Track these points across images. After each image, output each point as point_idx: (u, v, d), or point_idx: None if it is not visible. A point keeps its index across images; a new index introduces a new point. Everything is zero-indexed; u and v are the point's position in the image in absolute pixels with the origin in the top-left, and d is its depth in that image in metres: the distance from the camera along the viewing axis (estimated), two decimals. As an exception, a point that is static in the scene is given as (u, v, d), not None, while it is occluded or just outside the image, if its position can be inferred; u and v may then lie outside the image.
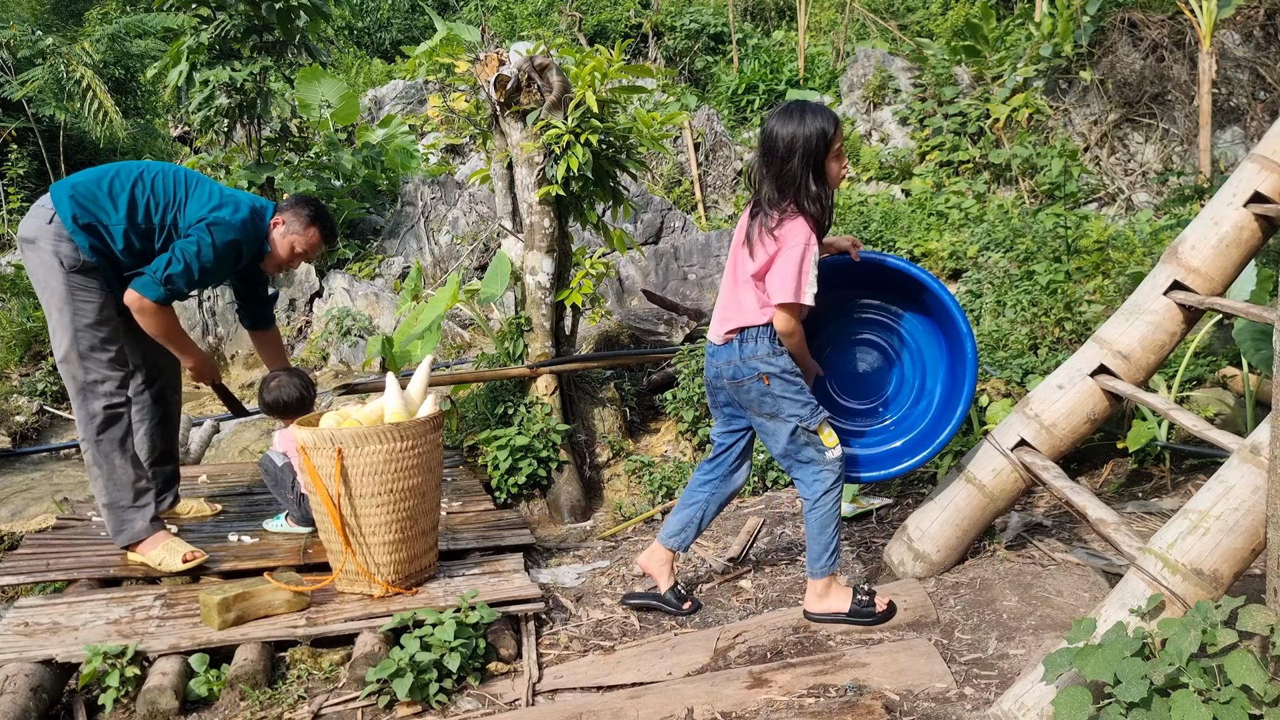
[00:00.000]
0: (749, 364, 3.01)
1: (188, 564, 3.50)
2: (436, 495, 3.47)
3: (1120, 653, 2.07)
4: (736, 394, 3.10)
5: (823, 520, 3.10)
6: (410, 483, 3.30)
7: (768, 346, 3.00)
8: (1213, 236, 3.02)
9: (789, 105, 2.92)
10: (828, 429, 3.07)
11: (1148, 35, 8.21)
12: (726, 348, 3.06)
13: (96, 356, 3.50)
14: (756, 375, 3.00)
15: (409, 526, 3.34)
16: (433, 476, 3.41)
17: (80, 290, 3.47)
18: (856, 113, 10.00)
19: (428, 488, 3.38)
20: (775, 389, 3.00)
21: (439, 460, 3.46)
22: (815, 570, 3.14)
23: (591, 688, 2.89)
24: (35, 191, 10.47)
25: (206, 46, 8.01)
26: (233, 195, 3.67)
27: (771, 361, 2.99)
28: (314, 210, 3.80)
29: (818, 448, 3.05)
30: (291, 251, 3.79)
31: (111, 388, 3.53)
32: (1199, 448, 3.93)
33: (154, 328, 3.54)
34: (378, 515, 3.27)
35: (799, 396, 3.02)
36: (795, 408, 3.02)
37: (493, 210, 8.93)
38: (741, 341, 3.02)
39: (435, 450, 3.42)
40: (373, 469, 3.23)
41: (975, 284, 6.03)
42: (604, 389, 5.57)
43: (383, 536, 3.29)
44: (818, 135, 2.85)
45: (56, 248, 3.43)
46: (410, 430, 3.29)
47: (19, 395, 6.61)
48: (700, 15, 13.00)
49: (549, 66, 4.91)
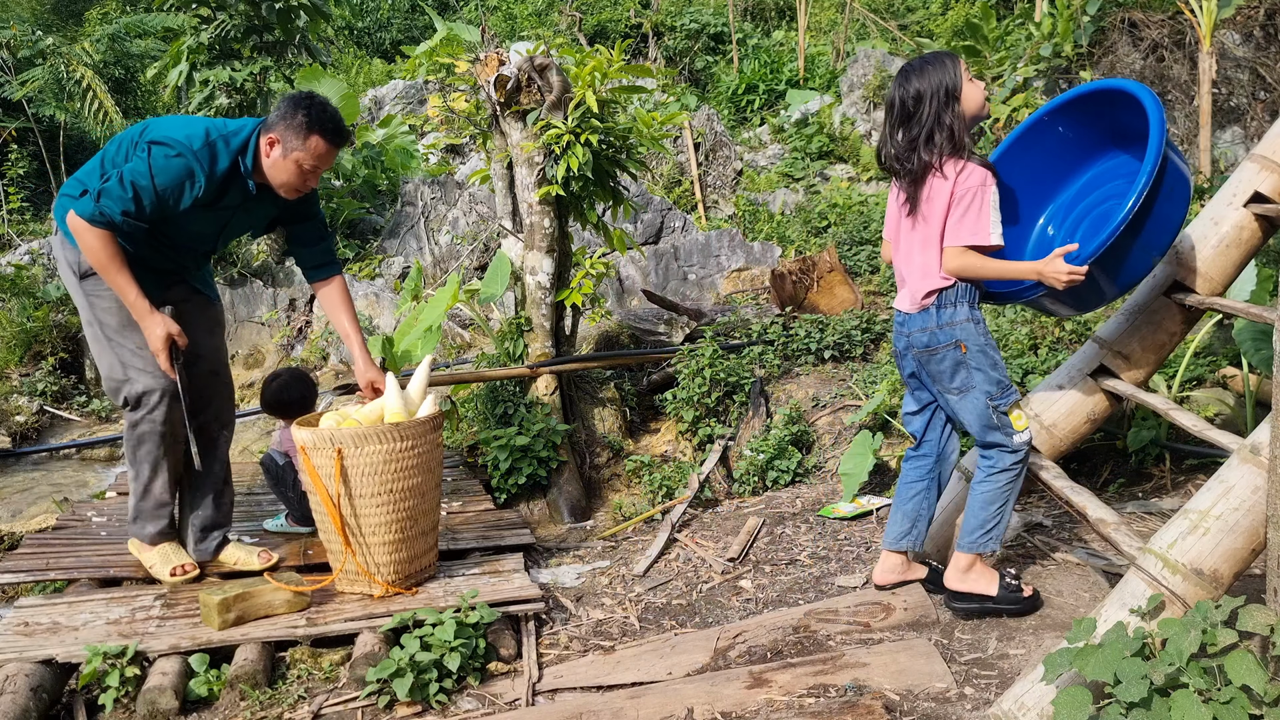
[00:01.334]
0: (946, 330, 2.85)
1: (174, 577, 3.43)
2: (436, 495, 3.47)
3: (1120, 653, 2.07)
4: (927, 364, 2.93)
5: (988, 497, 2.93)
6: (410, 483, 3.30)
7: (966, 311, 2.84)
8: (1213, 236, 3.02)
9: (906, 66, 2.85)
10: (1018, 411, 2.89)
11: (1148, 35, 8.21)
12: (922, 314, 2.90)
13: (135, 365, 3.25)
14: (954, 343, 2.84)
15: (409, 526, 3.34)
16: (433, 476, 3.41)
17: (95, 296, 3.26)
18: (856, 113, 10.00)
19: (428, 488, 3.38)
20: (970, 359, 2.84)
21: (439, 460, 3.46)
22: (964, 543, 2.97)
23: (591, 688, 2.89)
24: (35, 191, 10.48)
25: (206, 46, 8.02)
26: (193, 121, 3.21)
27: (969, 328, 2.83)
28: (308, 112, 3.15)
29: (1006, 430, 2.87)
30: (300, 170, 3.21)
31: (155, 399, 3.27)
32: (1199, 448, 3.93)
33: (89, 252, 3.10)
34: (378, 515, 3.27)
35: (993, 372, 2.85)
36: (988, 384, 2.85)
37: (493, 210, 8.93)
38: (939, 306, 2.86)
39: (435, 450, 3.41)
40: (373, 469, 3.22)
41: (975, 284, 6.03)
42: (604, 389, 5.57)
43: (383, 536, 3.29)
44: (941, 77, 2.77)
45: (64, 254, 3.29)
46: (410, 430, 3.29)
47: (19, 395, 6.61)
48: (700, 15, 13.00)
49: (549, 66, 4.91)
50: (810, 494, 4.57)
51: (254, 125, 3.23)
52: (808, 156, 9.90)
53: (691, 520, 4.41)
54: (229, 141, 3.17)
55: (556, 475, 4.90)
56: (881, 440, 4.34)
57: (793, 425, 4.96)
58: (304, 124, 3.13)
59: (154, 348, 3.20)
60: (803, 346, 5.60)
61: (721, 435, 5.19)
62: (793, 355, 5.64)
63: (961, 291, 2.85)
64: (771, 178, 9.68)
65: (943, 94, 2.78)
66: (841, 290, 6.06)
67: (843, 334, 5.57)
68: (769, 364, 5.52)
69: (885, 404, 4.72)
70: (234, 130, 3.21)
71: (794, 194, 9.28)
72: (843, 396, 5.26)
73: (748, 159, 10.20)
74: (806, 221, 8.35)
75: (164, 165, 3.07)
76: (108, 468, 5.99)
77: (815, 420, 5.16)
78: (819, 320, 5.70)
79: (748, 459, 4.83)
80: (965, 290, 2.86)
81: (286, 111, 3.16)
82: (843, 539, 3.93)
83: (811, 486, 4.69)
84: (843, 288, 6.07)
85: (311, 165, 3.20)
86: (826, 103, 10.44)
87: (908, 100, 2.83)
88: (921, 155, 2.81)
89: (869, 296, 6.45)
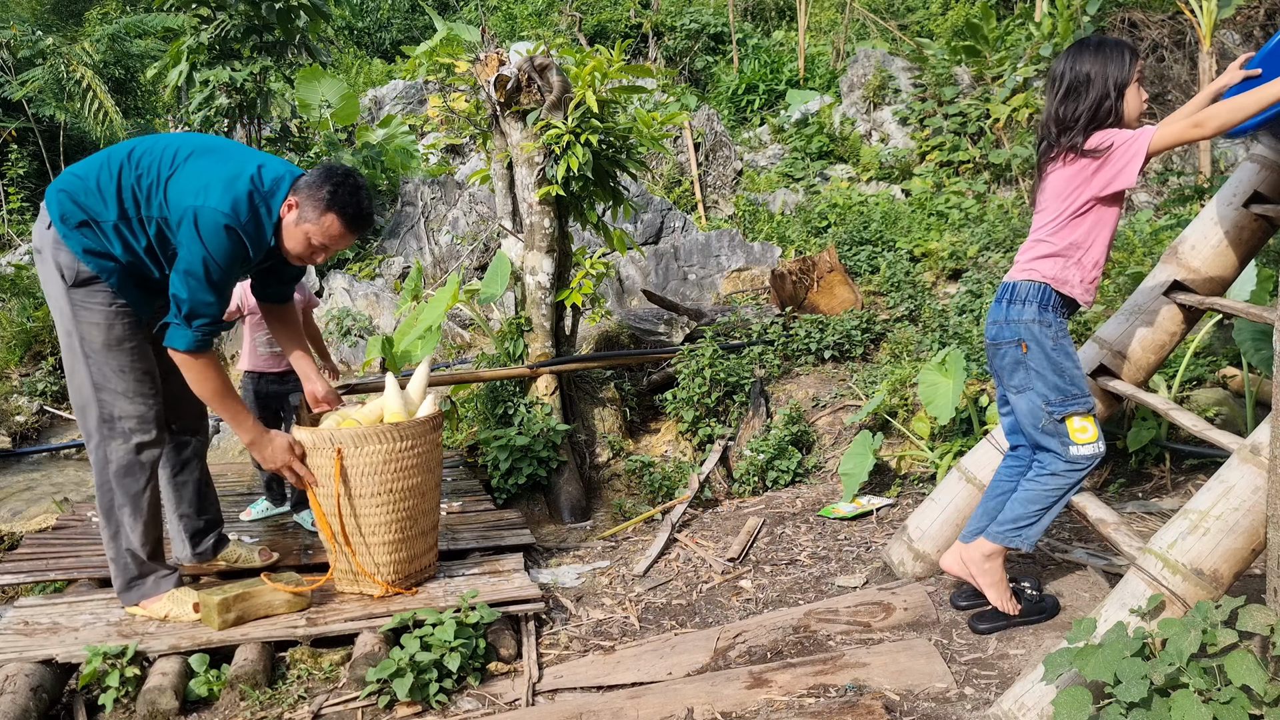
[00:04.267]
0: (1011, 326, 2.75)
1: (197, 613, 3.16)
2: (436, 495, 3.47)
3: (1120, 653, 2.07)
4: (992, 358, 2.84)
5: (1031, 496, 2.81)
6: (410, 483, 3.30)
7: (1035, 311, 2.70)
8: (1213, 236, 3.02)
9: (1082, 41, 2.70)
10: (1083, 423, 2.73)
11: (1148, 35, 8.21)
12: (996, 305, 2.80)
13: (112, 388, 2.99)
14: (1016, 341, 2.74)
15: (409, 526, 3.34)
16: (432, 476, 3.41)
17: (83, 308, 2.96)
18: (856, 113, 9.99)
19: (427, 488, 3.38)
20: (1032, 361, 2.72)
21: (439, 460, 3.46)
22: (994, 531, 2.86)
23: (591, 688, 2.89)
24: (35, 191, 10.48)
25: (206, 46, 8.01)
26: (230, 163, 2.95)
27: (1034, 330, 2.70)
28: (333, 189, 2.94)
29: (1062, 439, 2.74)
30: (308, 244, 3.00)
31: (131, 425, 3.02)
32: (1199, 448, 3.93)
33: (200, 384, 2.96)
34: (377, 515, 3.26)
35: (1055, 378, 2.71)
36: (1046, 389, 2.73)
37: (493, 210, 8.92)
38: (1010, 300, 2.75)
39: (435, 450, 3.41)
40: (372, 469, 3.22)
41: (975, 284, 6.03)
42: (604, 389, 5.57)
43: (382, 536, 3.29)
44: (1114, 70, 2.61)
45: (56, 257, 2.94)
46: (410, 430, 3.29)
47: (19, 395, 6.60)
48: (700, 15, 13.00)
49: (549, 66, 4.91)
50: (810, 494, 4.57)
51: (291, 181, 3.01)
52: (808, 156, 9.90)
53: (691, 520, 4.41)
54: (270, 206, 2.97)
55: (556, 475, 4.90)
56: (881, 440, 4.34)
57: (793, 425, 4.96)
58: (326, 199, 2.94)
59: (278, 463, 3.14)
60: (803, 346, 5.60)
61: (721, 435, 5.19)
62: (793, 355, 5.64)
63: (1035, 291, 2.72)
64: (771, 178, 9.68)
65: (1111, 87, 2.62)
66: (841, 290, 6.06)
67: (843, 334, 5.57)
68: (769, 364, 5.52)
69: (885, 404, 4.72)
70: (271, 188, 2.97)
71: (794, 194, 9.28)
72: (843, 396, 5.26)
73: (748, 159, 10.20)
74: (806, 221, 8.35)
75: (223, 247, 2.84)
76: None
77: (815, 420, 5.16)
78: (819, 320, 5.70)
79: (748, 459, 4.83)
80: (1040, 291, 2.72)
81: (316, 180, 2.97)
82: (843, 539, 3.93)
83: (811, 486, 4.69)
84: (843, 288, 6.07)
85: (320, 243, 3.00)
86: (826, 103, 10.44)
87: (1071, 77, 2.66)
88: (1064, 137, 2.66)
89: (869, 296, 6.45)
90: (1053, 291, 2.72)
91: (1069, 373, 2.73)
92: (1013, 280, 2.78)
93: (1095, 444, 2.74)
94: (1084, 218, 2.69)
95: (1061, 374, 2.72)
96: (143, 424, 3.05)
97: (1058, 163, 2.71)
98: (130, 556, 3.15)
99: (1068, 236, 2.71)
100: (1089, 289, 2.75)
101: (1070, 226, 2.71)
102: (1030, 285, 2.73)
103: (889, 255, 6.91)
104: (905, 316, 6.04)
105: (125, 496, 3.07)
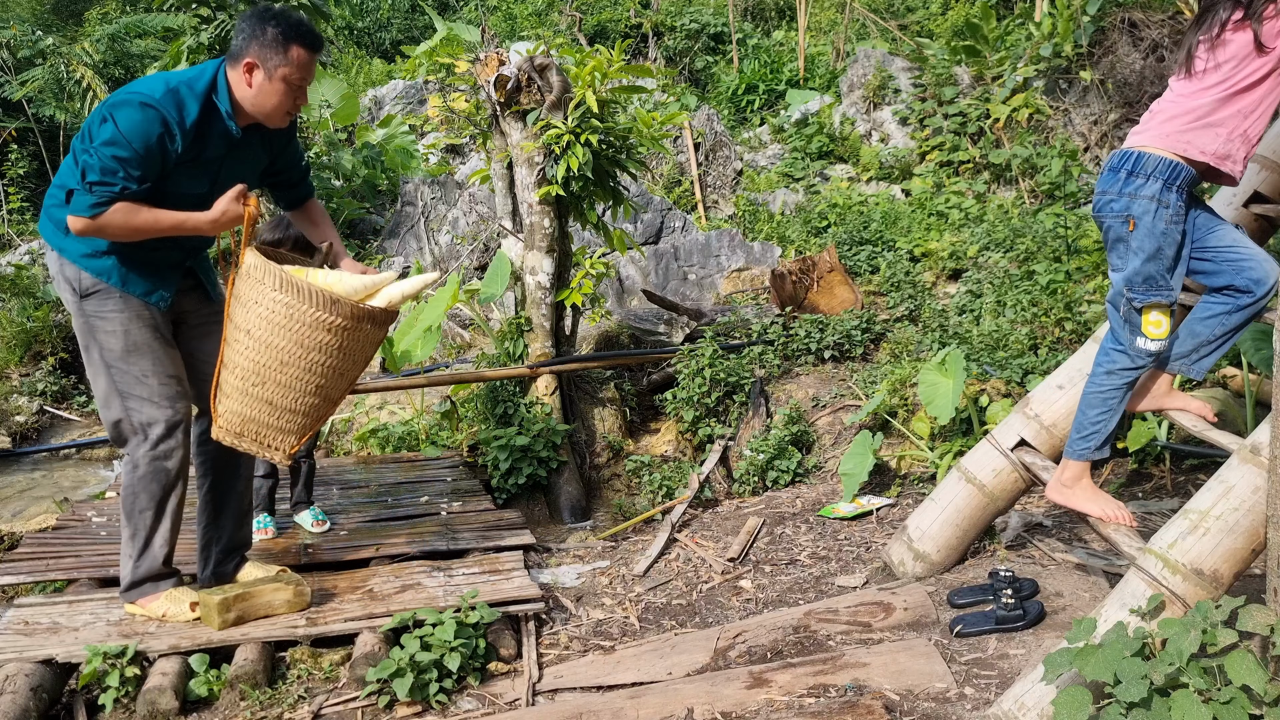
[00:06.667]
0: (1124, 200, 2.57)
1: (195, 612, 3.15)
2: (339, 388, 3.09)
3: (1120, 653, 2.07)
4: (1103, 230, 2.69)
5: (1091, 399, 2.73)
6: (318, 358, 2.91)
7: (1157, 189, 2.51)
8: (1213, 236, 3.01)
9: None
10: (1158, 316, 2.60)
11: (1148, 35, 8.21)
12: (1111, 174, 2.62)
13: (137, 394, 2.98)
14: (1124, 216, 2.57)
15: (297, 399, 2.96)
16: (348, 369, 3.04)
17: (97, 318, 2.96)
18: (856, 113, 9.99)
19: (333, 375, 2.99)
20: (1134, 240, 2.56)
21: (364, 357, 3.09)
22: (1070, 449, 2.80)
23: (591, 688, 2.89)
24: (35, 191, 10.47)
25: (206, 46, 8.01)
26: (148, 79, 2.91)
27: (1150, 208, 2.53)
28: (277, 24, 2.86)
29: (1133, 327, 2.62)
30: (288, 88, 2.90)
31: (158, 431, 3.00)
32: (1199, 448, 3.93)
33: (117, 235, 2.84)
34: (280, 373, 2.91)
35: (1151, 265, 2.56)
36: (1136, 272, 2.58)
37: (493, 210, 8.92)
38: (1132, 172, 2.57)
39: (361, 344, 3.01)
40: (288, 323, 2.85)
41: (975, 284, 6.03)
42: (604, 389, 5.57)
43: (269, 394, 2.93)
44: None
45: (62, 272, 2.97)
46: (346, 310, 2.90)
47: (19, 395, 6.60)
48: (700, 15, 13.00)
49: (549, 66, 4.91)
50: (810, 494, 4.57)
51: (215, 65, 2.93)
52: (808, 156, 9.90)
53: (691, 520, 4.41)
54: (193, 86, 2.87)
55: (556, 475, 4.90)
56: (881, 440, 4.34)
57: (793, 425, 4.96)
58: (280, 37, 2.85)
59: (237, 213, 2.90)
60: (803, 346, 5.60)
61: (721, 435, 5.19)
62: (793, 355, 5.64)
63: (1165, 167, 2.52)
64: (771, 178, 9.68)
65: None
66: (841, 290, 6.06)
67: (843, 334, 5.57)
68: (769, 364, 5.52)
69: (885, 404, 4.72)
70: (194, 75, 2.90)
71: (794, 194, 9.28)
72: (843, 396, 5.26)
73: (748, 159, 10.20)
74: (806, 221, 8.35)
75: (133, 123, 2.75)
76: (108, 468, 6.00)
77: (815, 420, 5.16)
78: (819, 320, 5.71)
79: (748, 459, 4.83)
80: (1170, 168, 2.52)
81: (253, 32, 2.86)
82: (843, 539, 3.93)
83: (811, 486, 4.69)
84: (843, 288, 6.07)
85: (299, 79, 2.91)
86: (826, 103, 10.44)
87: None
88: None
89: (869, 296, 6.45)
90: (1185, 170, 2.52)
91: (1167, 260, 2.56)
92: (1138, 150, 2.57)
93: (1164, 341, 2.63)
94: (1257, 88, 2.48)
95: (1160, 260, 2.56)
96: (168, 428, 3.02)
97: (1229, 29, 2.45)
98: (145, 559, 3.12)
99: (1235, 105, 2.49)
100: (1241, 164, 2.56)
101: (1239, 97, 2.48)
102: (1161, 160, 2.53)
103: (889, 255, 6.91)
104: (905, 316, 6.04)
105: (149, 501, 3.05)
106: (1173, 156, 2.53)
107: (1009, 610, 2.93)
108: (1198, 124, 2.52)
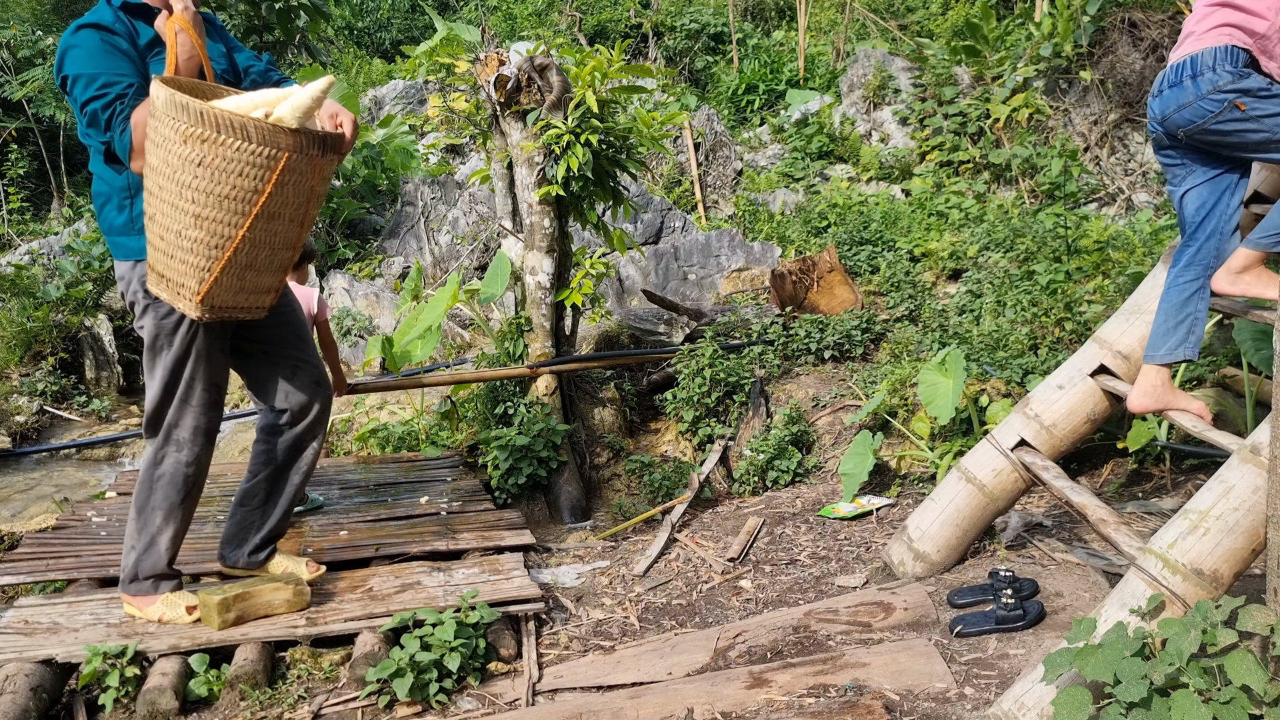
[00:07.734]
0: (1213, 97, 2.53)
1: (192, 615, 3.14)
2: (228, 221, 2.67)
3: (1120, 653, 2.07)
4: (1203, 139, 2.61)
5: None
6: (187, 177, 2.58)
7: (1229, 71, 2.50)
8: (1213, 236, 3.01)
9: None
10: None
11: (1148, 35, 8.21)
12: (1177, 89, 2.58)
13: (183, 398, 3.06)
14: (1229, 103, 2.52)
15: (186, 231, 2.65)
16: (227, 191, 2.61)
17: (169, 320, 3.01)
18: (856, 113, 10.00)
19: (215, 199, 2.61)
20: (1259, 109, 2.50)
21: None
22: (1252, 239, 2.66)
23: (591, 688, 2.89)
24: (35, 191, 10.47)
25: (206, 46, 8.00)
26: None
27: (1240, 84, 2.50)
28: None
29: None
30: None
31: (186, 436, 3.07)
32: (1199, 448, 3.93)
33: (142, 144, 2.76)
34: (162, 198, 2.66)
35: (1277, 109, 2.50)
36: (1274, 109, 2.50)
37: (493, 210, 8.92)
38: (1195, 75, 2.54)
39: (229, 157, 2.56)
40: (155, 137, 2.60)
41: (975, 284, 6.03)
42: (604, 389, 5.57)
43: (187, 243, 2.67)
44: None
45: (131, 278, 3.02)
46: (265, 134, 2.55)
47: (19, 395, 6.61)
48: (700, 15, 13.00)
49: (549, 66, 4.91)
50: (810, 494, 4.57)
51: None
52: (808, 156, 9.90)
53: (691, 520, 4.41)
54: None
55: (556, 475, 4.90)
56: (881, 440, 4.34)
57: (793, 425, 4.96)
58: None
59: None
60: (803, 346, 5.60)
61: (721, 435, 5.19)
62: (793, 355, 5.64)
63: (1225, 54, 2.50)
64: (771, 178, 9.68)
65: None
66: (841, 290, 6.06)
67: (843, 334, 5.57)
68: (769, 364, 5.52)
69: (885, 404, 4.72)
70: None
71: (794, 194, 9.28)
72: (843, 396, 5.26)
73: (748, 159, 10.21)
74: (806, 221, 8.35)
75: (76, 47, 2.82)
76: (108, 468, 6.00)
77: (815, 420, 5.16)
78: (819, 320, 5.71)
79: (748, 459, 4.83)
80: (1230, 53, 2.50)
81: None
82: (843, 539, 3.93)
83: (811, 486, 4.69)
84: (843, 288, 6.07)
85: None
86: (826, 103, 10.44)
87: None
88: None
89: (869, 296, 6.45)
90: (1243, 53, 2.50)
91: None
92: (1189, 54, 2.55)
93: None
94: None
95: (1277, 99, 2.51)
96: (195, 434, 3.08)
97: None
98: (149, 555, 3.14)
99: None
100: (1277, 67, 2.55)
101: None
102: (1215, 50, 2.51)
103: (889, 255, 6.91)
104: (905, 316, 6.04)
105: (163, 501, 3.10)
106: (1228, 43, 2.50)
107: (1009, 610, 2.93)
108: (1237, 21, 2.53)
